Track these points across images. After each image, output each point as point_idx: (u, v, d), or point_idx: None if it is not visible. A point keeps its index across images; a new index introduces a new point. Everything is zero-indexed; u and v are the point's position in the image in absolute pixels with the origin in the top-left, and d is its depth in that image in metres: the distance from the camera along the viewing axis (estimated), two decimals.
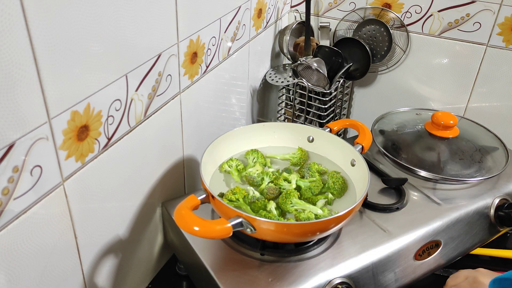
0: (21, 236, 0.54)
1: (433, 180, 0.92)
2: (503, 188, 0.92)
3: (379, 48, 1.15)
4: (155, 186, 0.81)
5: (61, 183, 0.58)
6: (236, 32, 0.95)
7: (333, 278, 0.71)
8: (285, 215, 0.77)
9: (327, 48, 1.09)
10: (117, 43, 0.61)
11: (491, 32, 1.05)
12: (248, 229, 0.66)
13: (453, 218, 0.84)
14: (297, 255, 0.74)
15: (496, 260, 0.96)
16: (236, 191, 0.76)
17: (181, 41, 0.76)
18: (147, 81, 0.70)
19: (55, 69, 0.52)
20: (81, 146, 0.60)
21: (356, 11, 1.16)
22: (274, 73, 1.16)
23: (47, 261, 0.60)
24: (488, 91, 1.11)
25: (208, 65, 0.88)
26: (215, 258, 0.74)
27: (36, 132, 0.52)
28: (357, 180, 0.82)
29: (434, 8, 1.08)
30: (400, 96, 1.22)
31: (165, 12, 0.69)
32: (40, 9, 0.48)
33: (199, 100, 0.88)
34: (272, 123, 0.92)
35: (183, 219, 0.63)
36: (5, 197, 0.50)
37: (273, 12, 1.13)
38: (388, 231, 0.80)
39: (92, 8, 0.55)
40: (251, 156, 0.86)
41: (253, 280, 0.70)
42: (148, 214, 0.82)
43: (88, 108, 0.59)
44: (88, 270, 0.69)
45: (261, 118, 1.24)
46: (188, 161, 0.91)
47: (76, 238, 0.64)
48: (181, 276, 0.91)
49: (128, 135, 0.69)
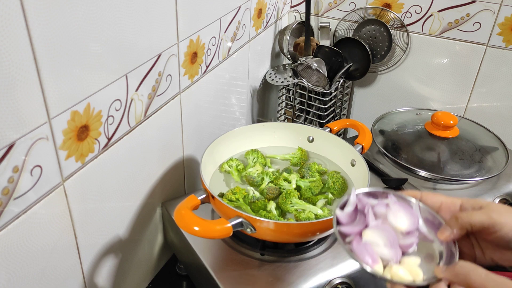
0: (21, 236, 0.54)
1: (433, 180, 0.92)
2: (503, 188, 0.92)
3: (379, 48, 1.15)
4: (155, 186, 0.81)
5: (61, 183, 0.58)
6: (236, 32, 0.95)
7: (333, 278, 0.71)
8: (285, 215, 0.77)
9: (327, 48, 1.09)
10: (117, 43, 0.61)
11: (491, 32, 1.05)
12: (248, 229, 0.66)
13: None
14: (297, 255, 0.74)
15: None
16: (236, 191, 0.76)
17: (181, 41, 0.76)
18: (147, 81, 0.70)
19: (55, 69, 0.52)
20: (81, 146, 0.60)
21: (356, 11, 1.16)
22: (274, 73, 1.16)
23: (47, 261, 0.60)
24: (488, 91, 1.11)
25: (208, 65, 0.88)
26: (215, 258, 0.74)
27: (36, 132, 0.52)
28: (357, 180, 0.82)
29: (434, 8, 1.08)
30: (400, 96, 1.22)
31: (165, 12, 0.69)
32: (40, 9, 0.48)
33: (199, 100, 0.88)
34: (272, 123, 0.92)
35: (183, 219, 0.63)
36: (5, 197, 0.50)
37: (273, 12, 1.13)
38: None
39: (92, 8, 0.55)
40: (251, 156, 0.86)
41: (253, 280, 0.70)
42: (148, 214, 0.82)
43: (88, 108, 0.59)
44: (88, 270, 0.69)
45: (261, 118, 1.24)
46: (188, 161, 0.91)
47: (76, 238, 0.64)
48: (181, 276, 0.91)
49: (128, 135, 0.69)
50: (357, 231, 0.54)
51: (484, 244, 0.52)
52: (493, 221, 0.48)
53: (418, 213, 0.55)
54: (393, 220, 0.54)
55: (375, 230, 0.53)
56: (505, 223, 0.48)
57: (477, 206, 0.51)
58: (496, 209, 0.49)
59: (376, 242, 0.52)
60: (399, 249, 0.53)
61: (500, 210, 0.49)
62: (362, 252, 0.51)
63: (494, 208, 0.50)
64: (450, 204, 0.54)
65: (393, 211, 0.54)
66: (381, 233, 0.53)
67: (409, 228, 0.54)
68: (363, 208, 0.56)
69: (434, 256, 0.53)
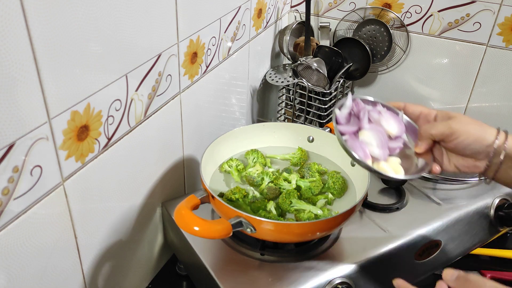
0: (21, 236, 0.54)
1: (433, 180, 0.92)
2: (503, 188, 0.92)
3: (379, 48, 1.15)
4: (155, 186, 0.81)
5: (61, 183, 0.58)
6: (236, 32, 0.95)
7: (333, 278, 0.71)
8: (285, 215, 0.77)
9: (327, 48, 1.09)
10: (117, 43, 0.61)
11: (491, 32, 1.05)
12: (248, 229, 0.66)
13: (453, 218, 0.84)
14: (297, 255, 0.74)
15: (496, 260, 0.96)
16: (236, 191, 0.76)
17: (181, 41, 0.76)
18: (147, 81, 0.70)
19: (55, 69, 0.52)
20: (81, 146, 0.60)
21: (356, 11, 1.16)
22: (274, 73, 1.16)
23: (47, 261, 0.60)
24: (488, 91, 1.11)
25: (208, 65, 0.88)
26: (215, 258, 0.74)
27: (36, 132, 0.52)
28: (357, 180, 0.82)
29: (434, 8, 1.08)
30: (400, 96, 1.21)
31: (165, 12, 0.69)
32: (40, 9, 0.48)
33: (199, 100, 0.88)
34: (272, 123, 0.92)
35: (183, 219, 0.63)
36: (5, 197, 0.50)
37: (273, 12, 1.13)
38: (388, 231, 0.80)
39: (92, 8, 0.55)
40: (251, 156, 0.86)
41: (253, 280, 0.70)
42: (148, 214, 0.82)
43: (88, 108, 0.59)
44: (88, 270, 0.69)
45: (261, 118, 1.24)
46: (188, 161, 0.91)
47: (76, 238, 0.64)
48: (181, 276, 0.91)
49: (128, 135, 0.69)
50: (352, 131, 0.63)
51: (449, 152, 0.60)
52: (451, 130, 0.55)
53: (403, 121, 0.64)
54: (386, 125, 0.63)
55: (370, 131, 0.62)
56: (462, 131, 0.55)
57: (447, 117, 0.58)
58: (458, 120, 0.56)
59: (370, 142, 0.62)
60: (387, 150, 0.62)
61: (461, 121, 0.56)
62: (356, 147, 0.61)
63: (458, 119, 0.56)
64: (427, 114, 0.61)
65: (385, 118, 0.63)
66: (375, 134, 0.62)
67: (398, 133, 0.63)
68: (358, 112, 0.64)
69: (412, 158, 0.63)
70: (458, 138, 0.55)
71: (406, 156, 0.63)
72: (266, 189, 0.79)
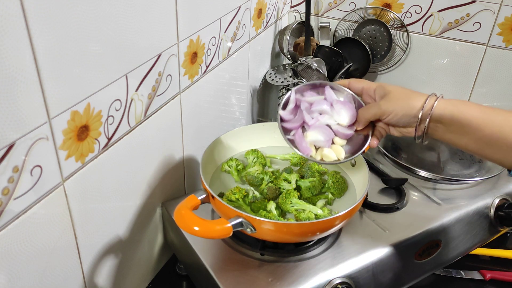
0: (21, 236, 0.54)
1: (433, 180, 0.92)
2: (503, 188, 0.92)
3: (379, 48, 1.15)
4: (155, 186, 0.81)
5: (61, 183, 0.58)
6: (236, 32, 0.95)
7: (333, 278, 0.71)
8: (285, 215, 0.77)
9: (327, 48, 1.09)
10: (117, 43, 0.61)
11: (491, 32, 1.05)
12: (248, 229, 0.66)
13: (453, 218, 0.84)
14: (297, 255, 0.74)
15: (496, 260, 0.96)
16: (236, 191, 0.76)
17: (181, 41, 0.76)
18: (147, 81, 0.70)
19: (55, 69, 0.52)
20: (81, 146, 0.60)
21: (356, 11, 1.16)
22: (274, 73, 1.16)
23: (47, 261, 0.60)
24: (488, 91, 1.11)
25: (208, 65, 0.88)
26: (215, 258, 0.74)
27: (36, 132, 0.52)
28: (357, 180, 0.82)
29: (434, 8, 1.08)
30: None
31: (165, 12, 0.69)
32: (40, 9, 0.48)
33: (199, 100, 0.88)
34: (272, 123, 0.91)
35: (183, 219, 0.63)
36: (5, 197, 0.50)
37: (273, 12, 1.13)
38: (388, 231, 0.80)
39: (92, 8, 0.55)
40: (251, 156, 0.86)
41: (253, 280, 0.70)
42: (148, 214, 0.82)
43: (88, 108, 0.59)
44: (88, 270, 0.69)
45: (261, 118, 1.24)
46: (188, 161, 0.91)
47: (76, 238, 0.64)
48: (181, 276, 0.91)
49: (128, 135, 0.69)
50: (297, 126, 0.70)
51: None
52: (381, 110, 0.65)
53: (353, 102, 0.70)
54: (337, 118, 0.70)
55: (314, 130, 0.69)
56: (390, 111, 0.64)
57: (383, 92, 0.66)
58: (389, 98, 0.65)
59: (317, 139, 0.69)
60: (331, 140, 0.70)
61: (392, 98, 0.64)
62: (300, 142, 0.69)
63: (389, 97, 0.65)
64: (368, 89, 0.69)
65: (336, 110, 0.70)
66: (320, 131, 0.69)
67: (350, 122, 0.69)
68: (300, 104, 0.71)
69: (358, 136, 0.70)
70: (388, 116, 0.64)
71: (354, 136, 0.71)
72: (266, 189, 0.79)
